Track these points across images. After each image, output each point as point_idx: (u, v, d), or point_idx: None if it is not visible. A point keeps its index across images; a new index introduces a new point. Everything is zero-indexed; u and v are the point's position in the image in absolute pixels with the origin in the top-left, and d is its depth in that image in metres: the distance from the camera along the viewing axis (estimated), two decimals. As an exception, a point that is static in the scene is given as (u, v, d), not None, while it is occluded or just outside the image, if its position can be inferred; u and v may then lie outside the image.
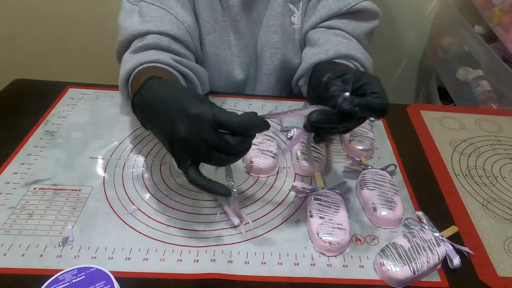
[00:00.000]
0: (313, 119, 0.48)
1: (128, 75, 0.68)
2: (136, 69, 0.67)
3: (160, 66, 0.68)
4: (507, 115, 0.87)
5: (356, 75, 0.53)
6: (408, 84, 1.62)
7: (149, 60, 0.67)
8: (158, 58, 0.68)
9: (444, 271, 0.54)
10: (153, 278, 0.51)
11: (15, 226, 0.55)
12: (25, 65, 1.40)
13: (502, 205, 0.65)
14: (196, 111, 0.47)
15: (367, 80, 0.52)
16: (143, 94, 0.55)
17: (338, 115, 0.49)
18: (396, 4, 1.39)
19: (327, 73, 0.55)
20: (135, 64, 0.67)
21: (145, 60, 0.67)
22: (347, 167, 0.69)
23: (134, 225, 0.57)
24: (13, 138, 0.70)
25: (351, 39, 0.78)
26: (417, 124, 0.81)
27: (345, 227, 0.55)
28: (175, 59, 0.70)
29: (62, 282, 0.43)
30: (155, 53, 0.70)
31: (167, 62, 0.68)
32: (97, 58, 1.43)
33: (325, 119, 0.49)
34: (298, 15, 0.82)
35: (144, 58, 0.67)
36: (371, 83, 0.52)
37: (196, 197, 0.62)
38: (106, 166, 0.66)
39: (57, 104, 0.79)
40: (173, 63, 0.69)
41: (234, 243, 0.56)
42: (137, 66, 0.67)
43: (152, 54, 0.69)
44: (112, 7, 0.91)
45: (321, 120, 0.48)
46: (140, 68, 0.66)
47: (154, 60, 0.67)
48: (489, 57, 1.08)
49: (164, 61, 0.68)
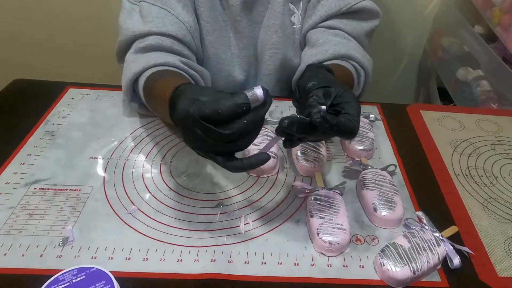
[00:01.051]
0: (284, 125, 0.48)
1: (136, 77, 0.68)
2: (145, 71, 0.67)
3: (171, 69, 0.68)
4: (507, 115, 0.87)
5: (339, 91, 0.53)
6: (408, 84, 1.62)
7: (158, 63, 0.67)
8: (167, 61, 0.68)
9: (444, 271, 0.54)
10: (153, 278, 0.51)
11: (15, 226, 0.55)
12: (25, 65, 1.40)
13: (502, 205, 0.65)
14: (182, 115, 0.48)
15: (348, 99, 0.52)
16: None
17: (308, 125, 0.49)
18: (396, 4, 1.38)
19: (312, 80, 0.55)
20: (143, 67, 0.67)
21: (154, 63, 0.67)
22: (347, 167, 0.69)
23: (134, 225, 0.57)
24: (13, 138, 0.70)
25: (350, 39, 0.78)
26: (417, 124, 0.81)
27: (345, 227, 0.55)
28: (182, 61, 0.70)
29: (62, 282, 0.43)
30: (161, 55, 0.70)
31: (176, 65, 0.68)
32: (97, 58, 1.43)
33: (295, 126, 0.48)
34: (298, 15, 0.82)
35: (152, 61, 0.67)
36: (350, 104, 0.51)
37: (196, 197, 0.62)
38: (106, 166, 0.66)
39: (57, 104, 0.79)
40: (181, 66, 0.69)
41: (234, 243, 0.56)
42: (146, 69, 0.67)
43: (159, 57, 0.69)
44: (112, 7, 0.92)
45: (291, 128, 0.48)
46: (151, 72, 0.66)
47: (163, 63, 0.67)
48: (489, 57, 1.08)
49: (173, 64, 0.68)
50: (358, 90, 0.79)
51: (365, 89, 0.81)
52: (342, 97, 0.52)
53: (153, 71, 0.66)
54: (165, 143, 0.72)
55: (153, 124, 0.76)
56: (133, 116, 0.77)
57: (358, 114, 0.51)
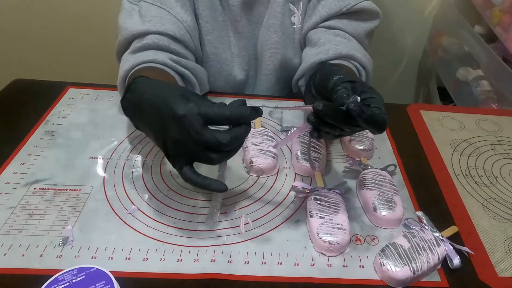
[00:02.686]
0: (319, 108, 0.48)
1: (126, 75, 0.68)
2: (133, 69, 0.67)
3: (156, 66, 0.67)
4: (507, 115, 0.87)
5: (364, 87, 0.54)
6: (408, 84, 1.62)
7: (146, 60, 0.67)
8: (156, 58, 0.68)
9: (444, 271, 0.54)
10: (153, 278, 0.51)
11: (15, 226, 0.55)
12: (25, 65, 1.40)
13: (502, 205, 0.65)
14: (182, 112, 0.46)
15: (373, 95, 0.53)
16: (129, 96, 0.55)
17: (342, 113, 0.49)
18: (396, 4, 1.39)
19: (337, 75, 0.55)
20: (132, 64, 0.67)
21: (142, 60, 0.67)
22: (347, 167, 0.69)
23: (134, 225, 0.57)
24: (13, 138, 0.70)
25: (351, 39, 0.78)
26: (417, 124, 0.81)
27: (345, 227, 0.55)
28: (172, 59, 0.70)
29: (62, 282, 0.43)
30: (153, 53, 0.69)
31: (164, 62, 0.68)
32: (97, 58, 1.43)
33: (329, 112, 0.49)
34: (298, 15, 0.82)
35: (141, 58, 0.67)
36: (377, 99, 0.53)
37: (196, 197, 0.62)
38: (106, 166, 0.66)
39: (57, 104, 0.79)
40: (170, 63, 0.69)
41: (234, 243, 0.56)
42: (135, 66, 0.67)
43: (150, 54, 0.69)
44: (112, 7, 0.92)
45: (326, 111, 0.48)
46: (137, 68, 0.66)
47: (151, 60, 0.67)
48: (489, 57, 1.08)
49: (161, 61, 0.68)
50: (359, 90, 0.79)
51: (366, 89, 0.81)
52: (368, 92, 0.53)
53: (140, 68, 0.66)
54: (165, 143, 0.72)
55: (153, 124, 0.76)
56: (133, 116, 0.77)
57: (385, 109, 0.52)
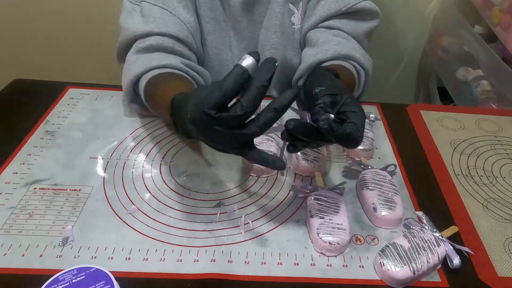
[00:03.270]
0: (290, 126, 0.47)
1: (136, 79, 0.68)
2: (147, 73, 0.67)
3: (172, 71, 0.67)
4: (507, 115, 0.87)
5: (346, 99, 0.53)
6: (408, 84, 1.62)
7: (160, 64, 0.67)
8: (170, 62, 0.68)
9: (444, 271, 0.54)
10: (153, 278, 0.51)
11: (15, 226, 0.55)
12: (25, 65, 1.40)
13: (502, 205, 0.65)
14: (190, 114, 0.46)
15: (354, 109, 0.52)
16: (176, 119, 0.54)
17: (314, 130, 0.49)
18: (396, 4, 1.38)
19: (320, 86, 0.54)
20: (144, 68, 0.67)
21: (156, 64, 0.67)
22: (347, 167, 0.69)
23: (134, 225, 0.57)
24: (13, 138, 0.70)
25: (350, 39, 0.78)
26: (417, 124, 0.81)
27: (345, 227, 0.55)
28: (184, 62, 0.70)
29: (62, 282, 0.43)
30: (163, 56, 0.69)
31: (178, 67, 0.68)
32: (97, 58, 1.43)
33: (301, 129, 0.48)
34: (298, 15, 0.82)
35: (154, 63, 0.67)
36: (355, 114, 0.51)
37: (196, 197, 0.62)
38: (106, 166, 0.66)
39: (57, 104, 0.79)
40: (183, 68, 0.69)
41: (234, 243, 0.56)
42: (148, 70, 0.67)
43: (161, 58, 0.69)
44: (112, 7, 0.91)
45: (297, 130, 0.48)
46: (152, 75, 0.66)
47: (165, 64, 0.67)
48: (489, 57, 1.08)
49: (175, 66, 0.68)
50: (358, 90, 0.79)
51: (365, 89, 0.81)
52: (348, 105, 0.52)
53: (154, 74, 0.66)
54: (165, 143, 0.72)
55: (153, 124, 0.76)
56: (133, 116, 0.77)
57: (362, 124, 0.51)
